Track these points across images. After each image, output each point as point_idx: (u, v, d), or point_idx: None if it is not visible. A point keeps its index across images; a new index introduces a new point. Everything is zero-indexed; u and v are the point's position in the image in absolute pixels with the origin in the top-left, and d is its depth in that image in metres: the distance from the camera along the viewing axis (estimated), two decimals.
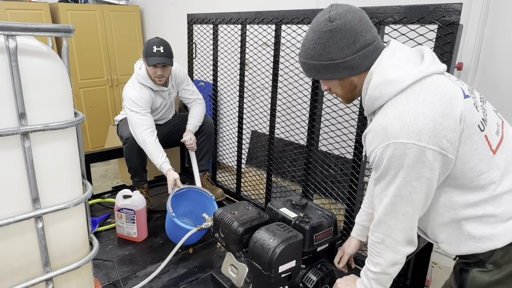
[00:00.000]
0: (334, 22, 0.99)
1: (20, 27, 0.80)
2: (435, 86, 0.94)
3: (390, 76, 0.97)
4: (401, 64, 0.98)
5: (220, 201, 2.64)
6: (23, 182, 0.88)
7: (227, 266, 1.46)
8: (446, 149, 0.93)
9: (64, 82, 0.93)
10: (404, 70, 0.97)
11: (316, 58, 1.04)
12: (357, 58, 1.01)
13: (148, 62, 2.20)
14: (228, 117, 2.96)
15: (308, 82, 2.12)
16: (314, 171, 2.19)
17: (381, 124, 0.97)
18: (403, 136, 0.92)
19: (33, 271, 0.94)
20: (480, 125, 0.96)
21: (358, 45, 1.00)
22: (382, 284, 1.12)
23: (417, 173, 0.94)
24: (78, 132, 1.02)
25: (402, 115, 0.93)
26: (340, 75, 1.05)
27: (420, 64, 0.99)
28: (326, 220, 1.43)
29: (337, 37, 0.99)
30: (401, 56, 1.00)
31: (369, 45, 1.01)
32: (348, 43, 0.99)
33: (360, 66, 1.02)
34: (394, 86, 0.96)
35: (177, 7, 3.73)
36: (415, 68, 0.97)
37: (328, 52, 1.01)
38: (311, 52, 1.04)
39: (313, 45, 1.03)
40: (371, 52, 1.01)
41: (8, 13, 3.42)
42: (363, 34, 0.99)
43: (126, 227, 2.16)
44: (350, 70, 1.03)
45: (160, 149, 2.26)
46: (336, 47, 1.00)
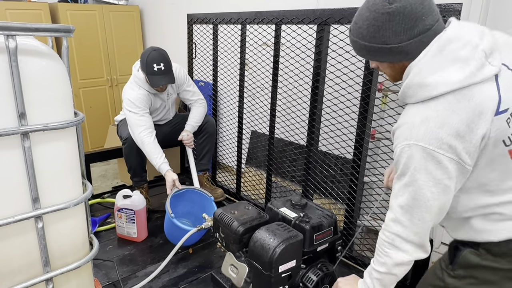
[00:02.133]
0: (393, 5, 0.92)
1: (20, 27, 0.80)
2: (469, 99, 0.90)
3: (426, 80, 0.94)
4: (444, 65, 0.93)
5: (220, 201, 2.64)
6: (23, 182, 0.88)
7: (227, 266, 1.46)
8: (464, 160, 0.92)
9: (64, 82, 0.93)
10: (443, 76, 0.92)
11: (369, 40, 0.98)
12: (413, 44, 0.95)
13: (151, 83, 2.20)
14: (228, 117, 2.96)
15: (308, 82, 2.12)
16: (314, 171, 2.19)
17: (408, 123, 0.96)
18: (425, 141, 0.92)
19: (33, 271, 0.94)
20: (506, 140, 0.94)
21: (416, 30, 0.93)
22: (385, 286, 1.10)
23: (436, 179, 0.94)
24: (78, 132, 1.02)
25: (428, 121, 0.92)
26: (392, 59, 1.00)
27: (466, 67, 0.91)
28: (326, 220, 1.43)
29: (394, 21, 0.93)
30: (449, 54, 0.93)
31: (428, 30, 0.93)
32: (406, 28, 0.93)
33: (415, 52, 0.96)
34: (429, 91, 0.93)
35: (177, 7, 3.73)
36: (455, 75, 0.91)
37: (382, 36, 0.95)
38: (364, 32, 0.98)
39: (367, 26, 0.97)
40: (429, 37, 0.94)
41: (8, 13, 3.42)
42: (423, 19, 0.92)
43: (126, 227, 2.16)
44: (403, 55, 0.97)
45: (159, 150, 2.26)
46: (392, 31, 0.94)
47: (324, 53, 1.97)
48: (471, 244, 1.05)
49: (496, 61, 0.93)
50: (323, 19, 1.90)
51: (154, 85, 2.20)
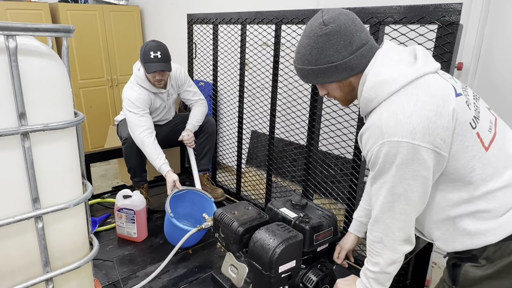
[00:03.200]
0: (328, 26, 1.00)
1: (20, 27, 0.80)
2: (428, 86, 0.96)
3: (384, 77, 0.99)
4: (394, 65, 1.00)
5: (220, 201, 2.64)
6: (23, 182, 0.88)
7: (227, 266, 1.46)
8: (440, 146, 0.94)
9: (64, 82, 0.93)
10: (397, 71, 0.98)
11: (314, 63, 1.05)
12: (355, 58, 1.02)
13: (146, 69, 2.19)
14: (228, 117, 2.96)
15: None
16: (314, 171, 2.19)
17: (376, 123, 0.98)
18: (397, 134, 0.93)
19: (33, 271, 0.94)
20: (472, 123, 0.97)
21: (354, 45, 1.01)
22: (381, 284, 1.12)
23: (413, 171, 0.95)
24: (78, 132, 1.02)
25: (396, 114, 0.94)
26: (339, 76, 1.05)
27: (414, 64, 1.00)
28: (326, 220, 1.43)
29: (333, 40, 1.01)
30: (394, 57, 1.01)
31: (365, 45, 1.02)
32: (345, 44, 1.01)
33: (358, 66, 1.03)
34: (389, 87, 0.98)
35: (177, 7, 3.73)
36: (408, 69, 0.98)
37: (326, 55, 1.02)
38: (308, 57, 1.05)
39: (310, 50, 1.04)
40: (367, 51, 1.03)
41: (8, 13, 3.42)
42: (358, 34, 1.01)
43: (126, 227, 2.16)
44: (349, 70, 1.04)
45: (159, 151, 2.25)
46: (333, 49, 1.01)
47: None
48: (469, 257, 1.03)
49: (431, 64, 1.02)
50: None
51: (148, 71, 2.17)
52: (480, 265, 1.01)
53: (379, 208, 1.04)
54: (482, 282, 1.00)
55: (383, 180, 1.01)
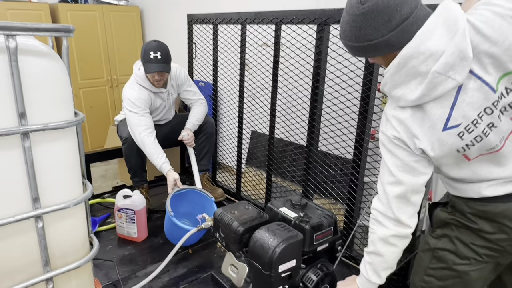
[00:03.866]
0: (365, 4, 0.98)
1: (20, 27, 0.80)
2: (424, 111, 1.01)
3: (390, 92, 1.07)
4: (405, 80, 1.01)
5: (220, 201, 2.64)
6: (23, 182, 0.88)
7: (227, 265, 1.47)
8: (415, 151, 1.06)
9: (64, 82, 0.93)
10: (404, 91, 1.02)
11: (355, 40, 1.04)
12: (395, 35, 0.98)
13: (145, 69, 2.19)
14: (228, 117, 2.96)
15: (308, 82, 2.12)
16: (314, 171, 2.19)
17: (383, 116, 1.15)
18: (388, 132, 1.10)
19: (33, 271, 0.94)
20: (460, 150, 1.03)
21: (394, 22, 0.97)
22: (376, 271, 1.17)
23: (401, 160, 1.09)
24: (78, 132, 1.02)
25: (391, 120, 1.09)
26: (381, 52, 1.04)
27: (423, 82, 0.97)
28: (326, 219, 1.43)
29: (371, 19, 0.98)
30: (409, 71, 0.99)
31: (407, 19, 0.97)
32: (383, 22, 0.97)
33: (400, 42, 0.99)
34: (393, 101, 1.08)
35: (177, 7, 3.73)
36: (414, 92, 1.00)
37: (364, 34, 1.01)
38: (349, 34, 1.05)
39: (350, 28, 1.03)
40: (409, 25, 0.97)
41: (8, 13, 3.42)
42: (398, 10, 0.96)
43: (126, 227, 2.16)
44: (390, 47, 1.01)
45: (160, 150, 2.26)
46: (371, 28, 0.99)
47: (324, 53, 1.97)
48: (443, 204, 1.23)
49: (457, 74, 0.93)
50: (323, 19, 1.90)
51: (147, 71, 2.18)
52: (447, 211, 1.19)
53: (378, 188, 1.18)
54: (449, 225, 1.17)
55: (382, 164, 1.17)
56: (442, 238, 1.18)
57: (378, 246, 1.15)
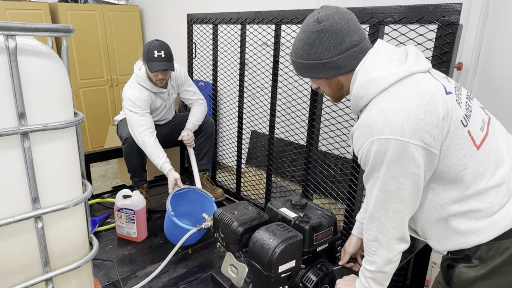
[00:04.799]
0: (322, 23, 1.03)
1: (20, 27, 0.80)
2: (417, 84, 0.97)
3: (373, 75, 1.01)
4: (384, 64, 1.01)
5: (220, 201, 2.64)
6: (23, 182, 0.88)
7: (227, 266, 1.46)
8: (430, 144, 0.95)
9: (64, 82, 0.93)
10: (386, 70, 1.00)
11: (305, 58, 1.08)
12: (343, 59, 1.04)
13: (149, 68, 2.19)
14: (228, 117, 2.96)
15: (308, 82, 2.12)
16: (314, 171, 2.19)
17: (366, 121, 1.00)
18: (386, 132, 0.95)
19: (33, 271, 0.94)
20: (463, 121, 0.98)
21: (344, 46, 1.03)
22: (379, 283, 1.13)
23: (403, 169, 0.96)
24: (78, 132, 1.02)
25: (385, 112, 0.96)
26: (327, 74, 1.09)
27: (403, 63, 1.01)
28: (326, 220, 1.43)
29: (324, 38, 1.03)
30: (385, 57, 1.03)
31: (355, 46, 1.04)
32: (335, 44, 1.03)
33: (346, 66, 1.06)
34: (378, 85, 0.99)
35: (177, 7, 3.73)
36: (397, 68, 1.00)
37: (315, 52, 1.05)
38: (300, 51, 1.09)
39: (302, 45, 1.08)
40: (357, 53, 1.05)
41: (8, 13, 3.42)
42: (349, 36, 1.03)
43: (126, 227, 2.16)
44: (336, 70, 1.06)
45: (160, 150, 2.26)
46: (323, 47, 1.04)
47: None
48: (463, 257, 1.04)
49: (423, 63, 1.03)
50: None
51: (152, 70, 2.17)
52: (473, 266, 1.01)
53: (372, 206, 1.05)
54: (477, 283, 1.00)
55: (375, 178, 1.02)
56: None
57: (381, 266, 1.10)
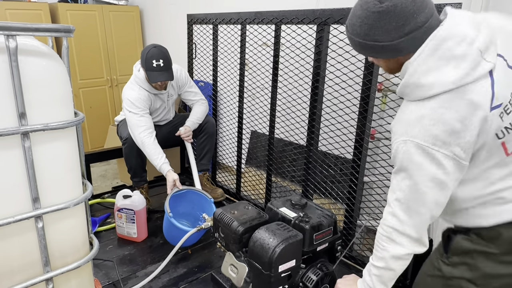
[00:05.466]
0: (384, 4, 0.93)
1: (20, 27, 0.80)
2: (462, 97, 0.92)
3: (421, 81, 0.96)
4: (438, 65, 0.94)
5: (220, 201, 2.64)
6: (23, 182, 0.88)
7: (227, 265, 1.47)
8: (460, 156, 0.94)
9: (64, 82, 0.94)
10: (438, 76, 0.93)
11: (362, 37, 1.00)
12: (405, 42, 0.95)
13: (149, 78, 2.21)
14: (228, 117, 2.96)
15: (308, 82, 2.12)
16: (314, 171, 2.19)
17: (404, 120, 1.00)
18: (420, 137, 0.94)
19: (33, 271, 0.94)
20: (499, 134, 0.95)
21: (407, 28, 0.93)
22: (384, 283, 1.12)
23: (431, 175, 0.96)
24: (78, 132, 1.02)
25: (423, 119, 0.94)
26: (385, 55, 1.02)
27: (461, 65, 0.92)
28: (326, 219, 1.43)
29: (385, 20, 0.93)
30: (443, 54, 0.93)
31: (420, 28, 0.94)
32: (397, 26, 0.93)
33: (407, 48, 0.97)
34: (424, 92, 0.96)
35: (177, 7, 3.73)
36: (450, 76, 0.92)
37: (374, 34, 0.97)
38: (357, 29, 1.00)
39: (360, 23, 0.98)
40: (421, 34, 0.95)
41: (8, 13, 3.42)
42: (414, 17, 0.92)
43: (126, 227, 2.16)
44: (396, 52, 0.99)
45: (159, 150, 2.26)
46: (383, 30, 0.95)
47: (324, 53, 1.97)
48: (463, 231, 1.08)
49: (491, 56, 0.93)
50: (323, 19, 1.90)
51: (152, 81, 2.20)
52: (471, 239, 1.05)
53: (394, 203, 1.04)
54: (470, 254, 1.04)
55: (402, 177, 1.01)
56: (460, 266, 1.07)
57: (390, 263, 1.08)
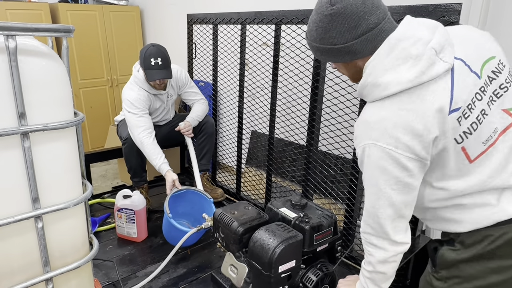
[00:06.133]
0: (335, 6, 0.95)
1: (20, 27, 0.80)
2: (422, 99, 0.92)
3: (377, 80, 0.96)
4: (394, 65, 0.94)
5: (220, 201, 2.64)
6: (23, 182, 0.88)
7: (227, 266, 1.47)
8: (423, 156, 0.95)
9: (64, 82, 0.94)
10: (395, 75, 0.94)
11: (319, 41, 1.02)
12: (359, 43, 0.97)
13: (147, 77, 2.21)
14: (228, 117, 2.96)
15: (308, 82, 2.12)
16: (314, 171, 2.19)
17: (365, 122, 1.00)
18: (382, 141, 0.95)
19: (33, 271, 0.94)
20: (458, 138, 0.96)
21: (360, 30, 0.95)
22: (377, 284, 1.12)
23: (396, 178, 0.96)
24: (78, 132, 1.02)
25: (384, 121, 0.95)
26: (343, 59, 1.02)
27: (417, 65, 0.92)
28: (326, 220, 1.43)
29: (337, 22, 0.95)
30: (400, 54, 0.94)
31: (373, 29, 0.96)
32: (349, 28, 0.95)
33: (363, 51, 0.98)
34: (380, 92, 0.96)
35: (177, 7, 3.73)
36: (406, 76, 0.92)
37: (329, 37, 0.98)
38: (314, 34, 1.02)
39: (316, 28, 1.01)
40: (374, 36, 0.96)
41: (8, 13, 3.42)
42: (366, 18, 0.94)
43: (126, 227, 2.16)
44: (352, 54, 1.00)
45: (159, 150, 2.26)
46: (336, 31, 0.97)
47: None
48: (448, 241, 1.07)
49: (447, 57, 0.93)
50: None
51: (150, 79, 2.20)
52: (455, 249, 1.04)
53: (365, 211, 1.06)
54: (457, 266, 1.03)
55: (368, 182, 1.03)
56: (449, 280, 1.06)
57: (377, 267, 1.09)
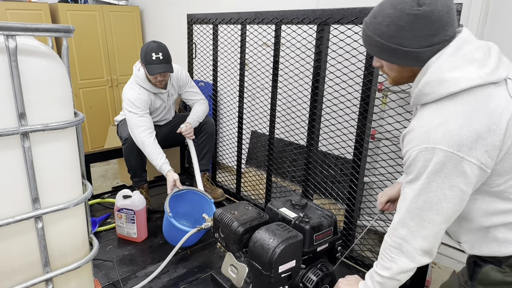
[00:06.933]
0: (422, 7, 0.88)
1: (20, 27, 0.80)
2: (488, 99, 0.88)
3: (446, 76, 0.91)
4: (462, 65, 0.90)
5: (220, 201, 2.64)
6: (23, 182, 0.88)
7: (227, 266, 1.47)
8: (485, 163, 0.89)
9: (64, 82, 0.93)
10: (463, 72, 0.90)
11: (386, 38, 0.94)
12: (430, 52, 0.92)
13: (148, 71, 2.20)
14: (228, 117, 2.96)
15: (308, 82, 2.12)
16: (314, 171, 2.19)
17: (424, 126, 0.93)
18: (444, 143, 0.89)
19: (33, 271, 0.94)
20: None
21: (436, 39, 0.90)
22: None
23: (452, 182, 0.91)
24: (78, 132, 1.02)
25: (447, 123, 0.89)
26: (405, 62, 0.96)
27: (483, 67, 0.89)
28: (326, 220, 1.43)
29: (419, 24, 0.89)
30: (465, 54, 0.91)
31: (447, 41, 0.91)
32: (428, 34, 0.90)
33: (428, 59, 0.94)
34: (447, 87, 0.91)
35: (177, 7, 3.73)
36: (475, 72, 0.89)
37: (401, 37, 0.92)
38: (383, 29, 0.93)
39: (388, 23, 0.92)
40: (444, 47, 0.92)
41: (8, 13, 3.42)
42: (445, 28, 0.90)
43: (126, 227, 2.16)
44: (417, 61, 0.94)
45: (159, 150, 2.26)
46: (412, 34, 0.90)
47: (324, 53, 1.97)
48: (493, 261, 1.01)
49: (505, 66, 0.93)
50: (323, 19, 1.90)
51: (151, 73, 2.19)
52: (503, 271, 0.98)
53: (406, 212, 0.98)
54: (501, 286, 0.99)
55: (418, 185, 0.95)
56: None
57: (395, 273, 1.03)
